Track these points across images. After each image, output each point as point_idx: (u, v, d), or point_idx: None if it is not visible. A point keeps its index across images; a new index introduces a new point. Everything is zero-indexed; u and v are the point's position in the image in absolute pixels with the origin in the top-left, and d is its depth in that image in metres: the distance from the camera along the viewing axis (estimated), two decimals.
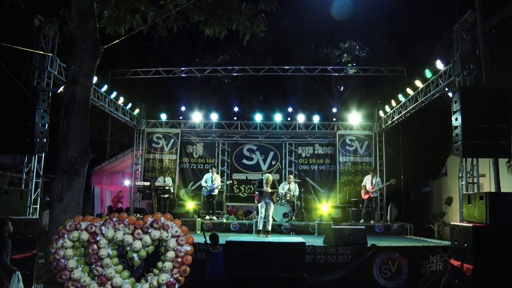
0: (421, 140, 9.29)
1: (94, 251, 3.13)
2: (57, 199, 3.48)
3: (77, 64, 3.69)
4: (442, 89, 6.27)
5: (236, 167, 9.82)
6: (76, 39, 3.71)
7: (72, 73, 3.68)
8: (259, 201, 6.20)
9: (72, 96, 3.66)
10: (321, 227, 6.90)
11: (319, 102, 12.43)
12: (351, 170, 9.43)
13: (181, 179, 9.73)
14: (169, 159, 9.66)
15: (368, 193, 7.96)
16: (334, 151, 9.66)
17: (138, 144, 9.82)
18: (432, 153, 8.90)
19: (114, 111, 8.39)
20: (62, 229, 3.17)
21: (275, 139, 9.93)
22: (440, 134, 8.08)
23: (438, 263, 4.77)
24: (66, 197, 3.49)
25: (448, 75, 5.95)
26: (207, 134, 9.97)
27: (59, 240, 3.12)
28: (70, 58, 3.73)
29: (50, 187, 3.82)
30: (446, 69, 6.02)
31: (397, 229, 7.39)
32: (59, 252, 3.09)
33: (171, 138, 9.76)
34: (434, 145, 8.90)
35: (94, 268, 3.13)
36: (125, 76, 8.65)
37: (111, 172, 10.25)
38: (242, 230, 7.26)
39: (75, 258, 3.12)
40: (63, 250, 3.09)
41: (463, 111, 4.93)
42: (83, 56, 3.70)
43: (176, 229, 3.15)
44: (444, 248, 4.94)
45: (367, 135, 9.59)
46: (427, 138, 9.15)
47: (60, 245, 3.10)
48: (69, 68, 3.73)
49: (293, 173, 9.47)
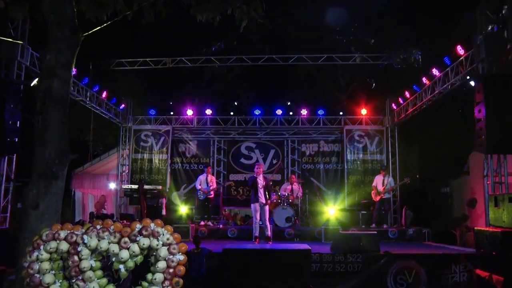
0: (439, 135, 9.23)
1: (74, 263, 3.05)
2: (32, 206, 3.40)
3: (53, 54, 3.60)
4: (463, 77, 6.17)
5: (233, 167, 9.82)
6: (51, 25, 3.61)
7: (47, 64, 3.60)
8: (253, 203, 6.17)
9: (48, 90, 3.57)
10: (328, 233, 6.88)
11: (324, 95, 12.39)
12: (361, 169, 9.38)
13: (173, 181, 9.72)
14: (159, 159, 9.66)
15: (379, 194, 7.92)
16: (341, 148, 9.64)
17: (125, 143, 9.80)
18: (452, 149, 8.78)
19: (97, 106, 8.31)
20: (37, 239, 3.09)
21: (276, 136, 9.93)
22: (461, 128, 7.98)
23: (462, 273, 4.68)
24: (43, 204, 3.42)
25: (470, 62, 5.83)
26: (201, 131, 9.96)
27: (33, 252, 3.03)
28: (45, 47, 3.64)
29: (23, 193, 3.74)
30: (467, 55, 5.89)
31: (413, 234, 7.36)
32: (33, 266, 3.00)
33: (161, 136, 9.74)
34: (454, 140, 8.76)
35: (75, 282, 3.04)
36: (108, 67, 8.68)
37: (94, 174, 10.19)
38: (241, 236, 7.23)
39: (52, 272, 3.04)
40: (38, 264, 3.01)
41: (487, 102, 4.82)
42: (59, 44, 3.61)
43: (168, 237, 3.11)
44: (468, 257, 4.87)
45: (378, 130, 9.55)
46: (446, 132, 9.07)
47: (34, 257, 3.02)
48: (43, 58, 3.64)
49: (296, 173, 9.49)
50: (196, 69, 11.46)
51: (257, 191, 6.11)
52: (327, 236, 6.82)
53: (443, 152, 9.01)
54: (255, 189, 6.14)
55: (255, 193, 6.14)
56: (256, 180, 6.14)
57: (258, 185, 6.11)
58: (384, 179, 7.96)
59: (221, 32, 11.35)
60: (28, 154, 3.82)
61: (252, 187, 6.17)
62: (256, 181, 6.13)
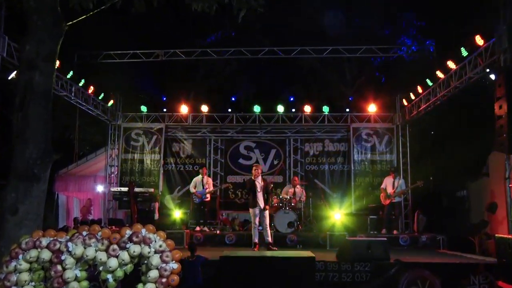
0: (455, 133, 9.18)
1: (57, 274, 3.02)
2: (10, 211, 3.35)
3: (34, 45, 3.56)
4: (482, 70, 6.07)
5: (231, 168, 9.78)
6: (31, 12, 3.55)
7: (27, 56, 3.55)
8: (251, 207, 6.13)
9: (29, 84, 3.53)
10: (333, 239, 6.84)
11: (329, 90, 12.37)
12: (369, 170, 9.34)
13: (166, 183, 9.69)
14: (151, 160, 9.61)
15: (389, 197, 7.86)
16: (348, 147, 9.59)
17: (113, 142, 9.75)
18: (470, 148, 8.67)
19: (83, 102, 8.27)
20: (15, 248, 3.04)
21: (277, 135, 9.89)
22: (479, 125, 7.90)
23: (482, 285, 4.58)
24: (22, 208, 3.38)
25: (491, 53, 5.73)
26: (197, 129, 9.93)
27: (11, 262, 2.99)
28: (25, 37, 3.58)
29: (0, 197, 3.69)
30: (487, 46, 5.79)
31: (426, 241, 7.31)
32: (10, 278, 2.96)
33: (154, 134, 9.71)
34: (472, 139, 8.64)
35: None
36: (95, 60, 8.55)
37: (80, 176, 10.14)
38: (240, 243, 7.19)
39: (32, 284, 3.01)
40: (16, 275, 2.97)
41: (509, 97, 4.75)
42: (41, 34, 3.57)
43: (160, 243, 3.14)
44: (488, 267, 4.78)
45: (387, 128, 9.50)
46: (463, 130, 9.01)
47: (12, 268, 2.98)
48: (23, 50, 3.60)
49: (299, 175, 9.45)
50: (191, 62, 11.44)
51: (255, 194, 6.07)
52: (333, 243, 6.79)
53: (460, 152, 8.95)
54: (253, 193, 6.10)
55: (253, 197, 6.10)
56: (254, 183, 6.09)
57: (256, 188, 6.07)
58: (394, 181, 7.92)
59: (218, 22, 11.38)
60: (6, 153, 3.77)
61: (250, 190, 6.13)
62: (254, 184, 6.08)
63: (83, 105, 8.34)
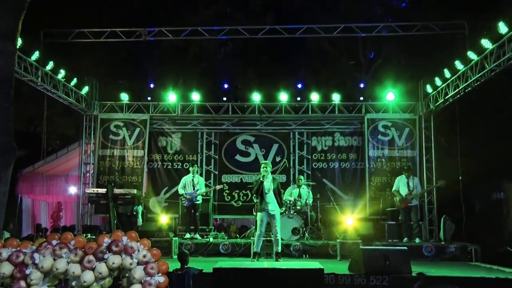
0: (489, 125, 9.13)
1: None
2: None
3: None
4: None
5: (227, 166, 9.77)
6: None
7: None
8: (259, 212, 6.16)
9: None
10: (345, 248, 6.88)
11: (341, 75, 12.37)
12: (386, 168, 9.32)
13: (151, 184, 9.68)
14: (133, 156, 9.59)
15: (405, 200, 7.89)
16: (362, 142, 9.59)
17: (89, 136, 9.71)
18: (507, 144, 8.64)
19: (52, 89, 8.16)
20: None
21: (280, 127, 9.88)
22: None
23: None
24: None
25: None
26: (187, 121, 9.90)
27: None
28: None
29: None
30: None
31: (455, 251, 7.27)
32: None
33: (136, 127, 9.68)
34: (509, 133, 8.65)
35: None
36: (66, 39, 8.41)
37: (48, 176, 10.02)
38: (236, 253, 7.25)
39: None
40: None
41: None
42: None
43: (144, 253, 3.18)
44: None
45: (408, 119, 9.47)
46: (499, 122, 8.93)
47: None
48: None
49: (305, 174, 9.44)
50: (179, 43, 11.44)
51: (263, 196, 6.07)
52: (344, 253, 6.82)
53: (495, 147, 8.88)
54: (261, 195, 6.09)
55: (261, 200, 6.10)
56: (263, 184, 6.09)
57: (264, 189, 6.07)
58: (409, 181, 7.95)
59: None
60: None
61: (258, 192, 6.12)
62: (262, 185, 6.07)
63: (52, 92, 8.23)
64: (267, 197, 6.07)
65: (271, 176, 6.23)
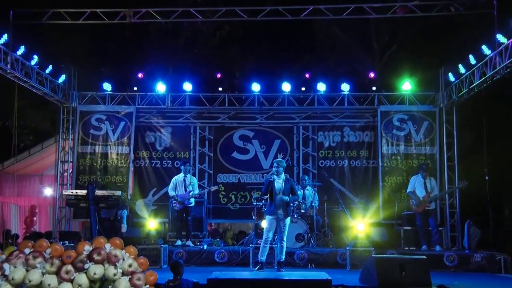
0: None
1: None
2: None
3: None
4: None
5: (222, 165, 9.76)
6: None
7: None
8: (268, 215, 6.19)
9: None
10: (355, 257, 6.86)
11: (351, 62, 12.31)
12: (402, 166, 9.30)
13: (137, 185, 9.69)
14: (117, 154, 9.58)
15: (422, 203, 7.86)
16: (375, 137, 9.58)
17: (67, 131, 9.65)
18: None
19: (24, 77, 8.08)
20: None
21: (283, 121, 9.88)
22: None
23: None
24: None
25: None
26: (178, 113, 9.89)
27: None
28: None
29: None
30: None
31: (481, 261, 7.24)
32: None
33: (121, 120, 9.64)
34: None
35: None
36: (39, 20, 8.33)
37: (20, 175, 9.97)
38: (233, 261, 7.26)
39: None
40: None
41: None
42: None
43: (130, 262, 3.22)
44: None
45: (427, 112, 9.44)
46: None
47: None
48: None
49: (310, 173, 9.46)
50: (169, 26, 11.36)
51: (273, 198, 6.09)
52: (355, 262, 6.81)
53: None
54: (270, 196, 6.12)
55: (271, 202, 6.13)
56: (273, 183, 6.10)
57: (275, 189, 6.10)
58: (426, 181, 7.93)
59: None
60: None
61: (266, 192, 6.15)
62: (272, 185, 6.09)
63: (23, 81, 8.15)
64: (277, 199, 6.07)
65: (284, 176, 6.22)
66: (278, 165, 6.18)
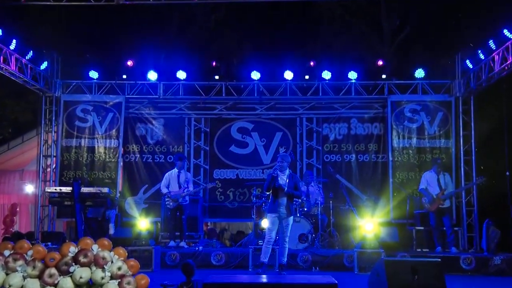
0: None
1: None
2: None
3: None
4: None
5: (219, 159, 9.79)
6: None
7: None
8: (269, 213, 6.19)
9: None
10: (363, 259, 6.86)
11: (359, 48, 12.20)
12: (414, 161, 9.31)
13: (127, 181, 9.70)
14: (105, 148, 9.58)
15: (436, 201, 7.84)
16: (384, 130, 9.58)
17: (49, 123, 9.64)
18: None
19: (1, 63, 8.04)
20: None
21: (285, 112, 9.89)
22: None
23: None
24: None
25: None
26: (171, 104, 9.89)
27: None
28: None
29: None
30: None
31: (501, 265, 7.15)
32: None
33: (109, 111, 9.64)
34: None
35: None
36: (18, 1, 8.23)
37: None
38: (231, 264, 7.27)
39: None
40: None
41: None
42: None
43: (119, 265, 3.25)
44: None
45: (442, 101, 9.41)
46: None
47: None
48: None
49: (314, 168, 9.52)
50: (161, 8, 11.24)
51: (277, 195, 6.10)
52: (363, 264, 6.81)
53: None
54: (274, 193, 6.12)
55: (274, 199, 6.15)
56: (277, 179, 6.12)
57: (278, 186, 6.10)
58: (439, 177, 7.91)
59: None
60: None
61: (269, 188, 6.17)
62: (275, 181, 6.11)
63: (2, 68, 8.09)
64: (281, 197, 6.10)
65: (288, 172, 6.24)
66: (282, 160, 6.21)
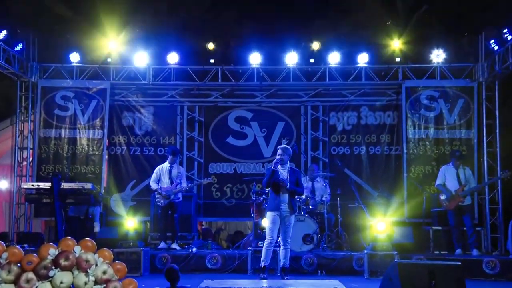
0: None
1: None
2: None
3: None
4: None
5: (215, 152, 9.85)
6: None
7: None
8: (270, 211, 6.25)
9: None
10: (375, 262, 6.86)
11: (370, 28, 12.08)
12: (432, 154, 9.34)
13: (113, 176, 9.75)
14: (88, 139, 9.63)
15: (455, 198, 7.84)
16: (398, 119, 9.62)
17: (25, 111, 9.68)
18: None
19: None
20: None
21: (287, 99, 9.95)
22: None
23: None
24: None
25: None
26: (161, 90, 9.96)
27: None
28: None
29: None
30: None
31: None
32: None
33: (92, 98, 9.68)
34: None
35: None
36: None
37: None
38: (228, 267, 7.31)
39: None
40: None
41: None
42: None
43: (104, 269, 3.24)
44: None
45: (463, 87, 9.43)
46: None
47: None
48: None
49: (320, 162, 9.60)
50: None
51: (278, 191, 6.15)
52: (374, 268, 6.82)
53: None
54: (274, 189, 6.16)
55: (274, 195, 6.20)
56: (277, 173, 6.14)
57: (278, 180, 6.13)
58: (459, 171, 7.96)
59: None
60: None
61: (268, 183, 6.21)
62: (275, 174, 6.14)
63: None
64: (282, 193, 6.16)
65: (289, 166, 6.30)
66: (283, 152, 6.24)
